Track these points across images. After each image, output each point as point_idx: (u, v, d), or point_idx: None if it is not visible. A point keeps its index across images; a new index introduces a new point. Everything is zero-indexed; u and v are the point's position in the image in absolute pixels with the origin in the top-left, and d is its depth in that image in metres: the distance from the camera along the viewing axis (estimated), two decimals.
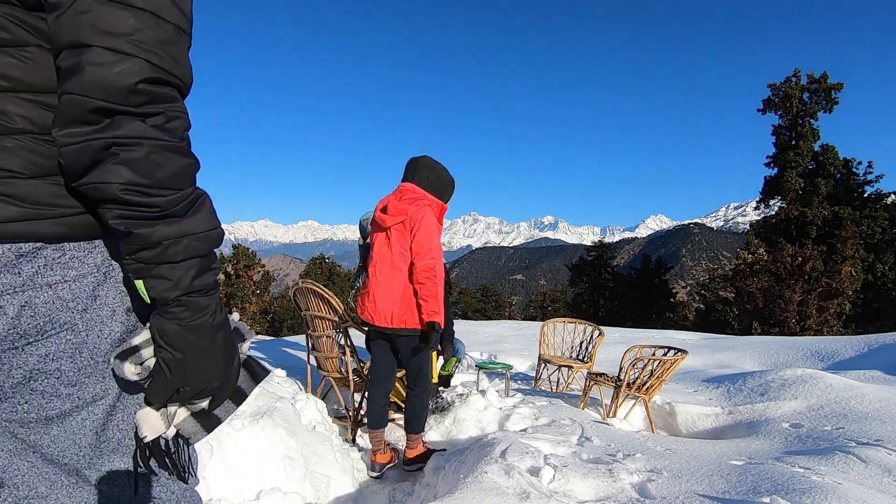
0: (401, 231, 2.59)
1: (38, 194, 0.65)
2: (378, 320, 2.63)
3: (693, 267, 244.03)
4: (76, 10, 0.58)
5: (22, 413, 0.71)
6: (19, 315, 0.66)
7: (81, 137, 0.59)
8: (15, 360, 0.68)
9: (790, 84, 27.51)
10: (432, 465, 2.80)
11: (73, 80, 0.58)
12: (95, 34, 0.58)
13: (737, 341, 8.75)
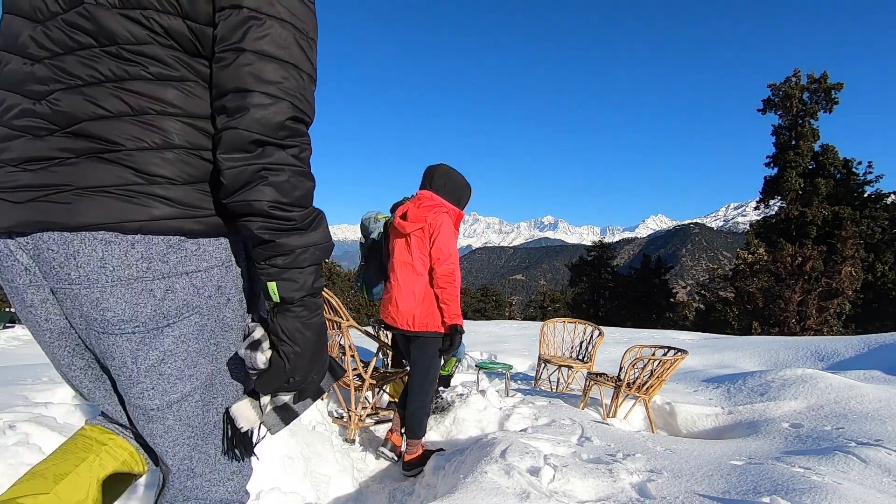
0: (420, 237, 2.69)
1: (188, 198, 0.79)
2: (401, 323, 2.73)
3: (693, 267, 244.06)
4: (240, 63, 0.75)
5: (147, 399, 0.83)
6: (164, 298, 0.79)
7: (241, 162, 0.76)
8: (154, 341, 0.80)
9: (790, 84, 27.52)
10: (432, 465, 2.80)
11: (239, 118, 0.75)
12: (256, 82, 0.75)
13: (737, 341, 8.76)
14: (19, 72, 0.80)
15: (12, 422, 1.95)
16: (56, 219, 0.75)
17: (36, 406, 2.20)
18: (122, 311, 0.78)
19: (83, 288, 0.77)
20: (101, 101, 0.76)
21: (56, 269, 0.77)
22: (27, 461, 1.75)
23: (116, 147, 0.76)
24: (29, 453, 1.78)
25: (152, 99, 0.78)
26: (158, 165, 0.77)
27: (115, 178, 0.76)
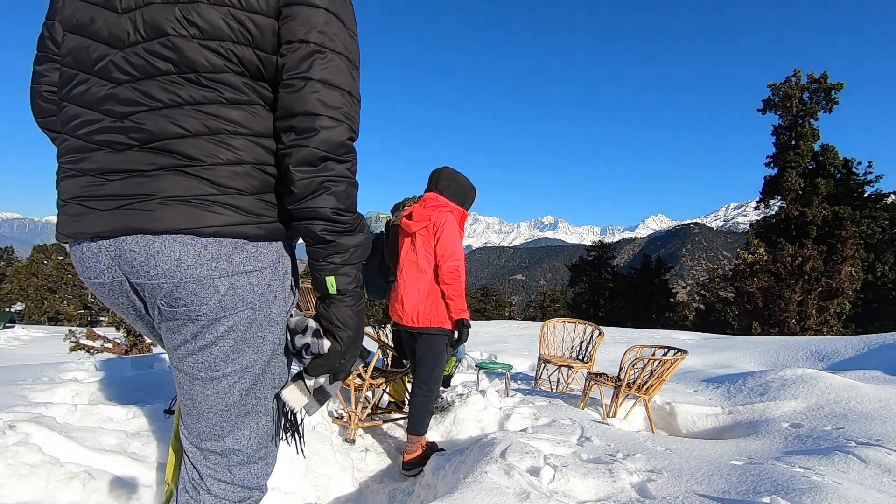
0: (425, 236, 2.77)
1: (252, 206, 0.92)
2: (406, 320, 2.80)
3: (693, 267, 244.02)
4: (307, 90, 0.88)
5: (196, 369, 0.96)
6: (226, 293, 0.91)
7: (310, 174, 0.89)
8: (211, 327, 0.93)
9: (790, 84, 27.51)
10: (432, 465, 2.80)
11: (309, 137, 0.88)
12: (322, 107, 0.88)
13: (737, 341, 8.76)
14: (99, 92, 0.90)
15: (12, 422, 1.95)
16: (139, 224, 0.87)
17: (36, 406, 2.20)
18: (192, 303, 0.90)
19: (160, 283, 0.89)
20: (182, 122, 0.88)
21: (137, 267, 0.89)
22: (27, 461, 1.75)
23: (196, 162, 0.88)
24: (29, 453, 1.78)
25: (226, 120, 0.90)
26: (230, 178, 0.90)
27: (194, 189, 0.88)
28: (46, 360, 13.21)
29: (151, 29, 0.87)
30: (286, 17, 0.89)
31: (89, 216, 0.90)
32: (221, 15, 0.87)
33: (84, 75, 0.92)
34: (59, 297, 41.18)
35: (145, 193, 0.86)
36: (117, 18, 0.89)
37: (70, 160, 0.93)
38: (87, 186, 0.90)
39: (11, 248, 54.43)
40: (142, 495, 1.86)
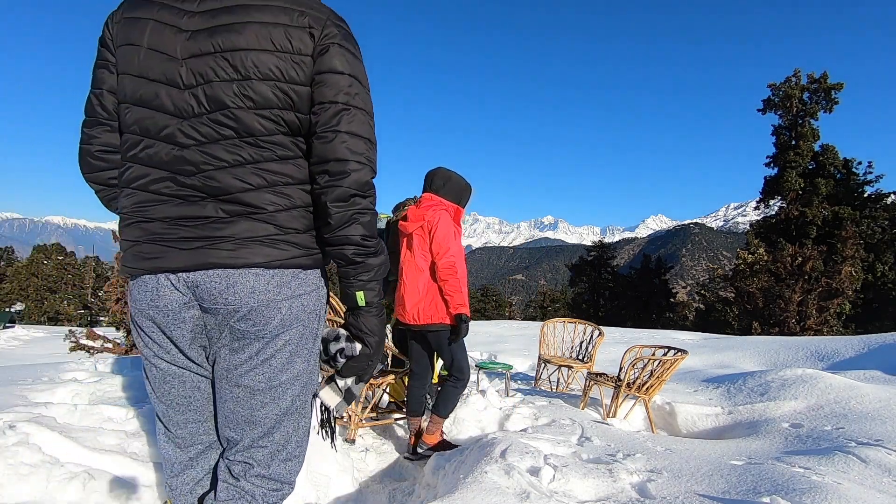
0: (421, 235, 2.85)
1: (305, 242, 1.12)
2: (408, 318, 2.88)
3: (693, 267, 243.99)
4: (338, 141, 1.07)
5: (257, 381, 1.12)
6: (286, 313, 1.10)
7: (343, 209, 1.08)
8: (272, 342, 1.11)
9: (790, 84, 27.50)
10: (432, 465, 2.80)
11: (342, 179, 1.08)
12: (351, 154, 1.08)
13: (737, 341, 8.76)
14: (167, 154, 1.07)
15: (12, 422, 1.95)
16: (221, 260, 1.05)
17: (36, 406, 2.20)
18: (259, 323, 1.09)
19: (237, 308, 1.08)
20: (246, 179, 1.07)
21: (216, 295, 1.07)
22: (27, 461, 1.75)
23: (262, 210, 1.07)
24: (29, 453, 1.78)
25: (280, 174, 1.09)
26: (289, 221, 1.10)
27: (263, 231, 1.07)
28: (46, 360, 13.20)
29: (214, 102, 1.05)
30: (318, 84, 1.09)
31: (169, 254, 1.07)
32: (270, 88, 1.06)
33: (150, 140, 1.09)
34: (59, 297, 41.16)
35: (223, 236, 1.06)
36: (181, 93, 1.06)
37: (139, 210, 1.10)
38: (162, 231, 1.08)
39: (11, 248, 54.43)
40: (142, 495, 1.86)
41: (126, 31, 1.10)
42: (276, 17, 1.06)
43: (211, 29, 1.05)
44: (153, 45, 1.07)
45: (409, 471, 3.03)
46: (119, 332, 13.55)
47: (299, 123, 1.10)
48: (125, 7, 1.13)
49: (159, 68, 1.07)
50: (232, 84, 1.05)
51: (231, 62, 1.05)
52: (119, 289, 13.03)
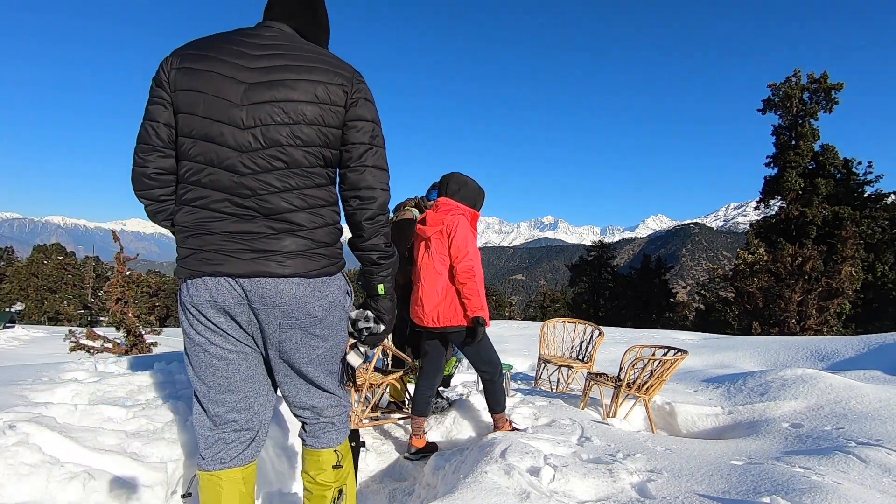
0: (439, 238, 2.90)
1: (333, 253, 1.44)
2: (427, 321, 2.91)
3: (693, 267, 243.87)
4: (367, 173, 1.42)
5: (301, 357, 1.46)
6: (319, 309, 1.43)
7: (372, 225, 1.45)
8: (312, 329, 1.44)
9: (790, 84, 27.48)
10: (432, 465, 2.80)
11: (371, 202, 1.43)
12: (376, 182, 1.43)
13: (737, 341, 8.76)
14: (228, 180, 1.33)
15: (12, 422, 1.95)
16: (272, 270, 1.34)
17: (36, 406, 2.20)
18: (300, 318, 1.41)
19: (281, 308, 1.38)
20: (292, 202, 1.36)
21: (266, 298, 1.36)
22: (27, 461, 1.75)
23: (303, 228, 1.37)
24: (29, 453, 1.78)
25: (317, 198, 1.40)
26: (322, 237, 1.41)
27: (303, 246, 1.37)
28: (46, 360, 13.19)
29: (270, 141, 1.33)
30: (349, 127, 1.40)
31: (229, 262, 1.34)
32: (315, 131, 1.35)
33: (213, 168, 1.34)
34: (59, 297, 41.13)
35: (273, 250, 1.35)
36: (242, 132, 1.32)
37: (200, 224, 1.36)
38: (222, 242, 1.34)
39: (11, 248, 54.36)
40: (142, 495, 1.86)
41: (189, 79, 1.33)
42: (318, 76, 1.36)
43: (268, 83, 1.33)
44: (217, 93, 1.32)
45: (409, 471, 3.03)
46: (119, 332, 13.54)
47: (332, 157, 1.42)
48: (182, 58, 1.36)
49: (223, 112, 1.33)
50: (286, 127, 1.33)
51: (285, 110, 1.33)
52: (119, 289, 13.01)
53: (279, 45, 1.38)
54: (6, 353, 14.95)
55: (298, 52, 1.38)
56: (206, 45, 1.38)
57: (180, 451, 2.17)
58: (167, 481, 2.00)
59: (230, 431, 1.51)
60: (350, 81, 1.39)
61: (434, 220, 2.91)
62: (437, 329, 2.91)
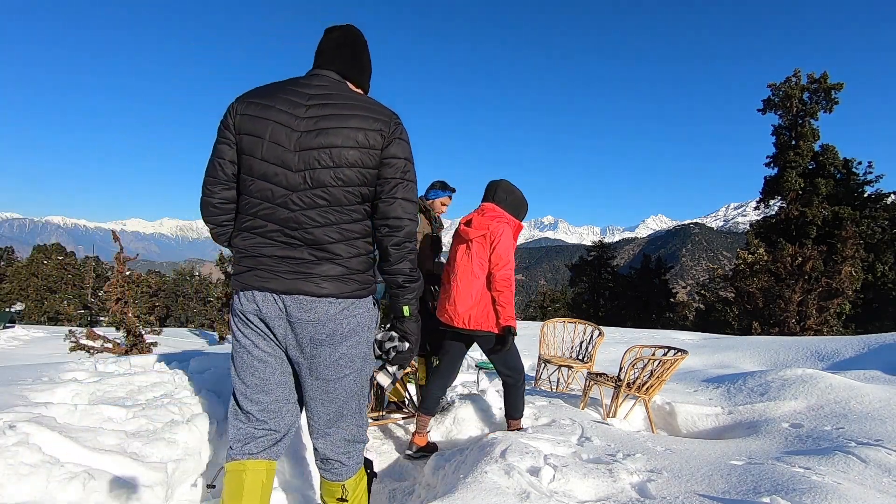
0: (481, 243, 2.91)
1: (364, 279, 1.61)
2: (457, 322, 2.92)
3: (693, 267, 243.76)
4: (397, 204, 1.56)
5: (329, 374, 1.61)
6: (347, 328, 1.59)
7: (399, 251, 1.58)
8: (338, 347, 1.59)
9: (790, 84, 27.47)
10: (432, 465, 2.80)
11: (399, 231, 1.58)
12: (404, 213, 1.57)
13: (737, 341, 8.75)
14: (281, 215, 1.54)
15: (12, 422, 1.95)
16: (309, 290, 1.54)
17: (36, 406, 2.20)
18: (330, 334, 1.57)
19: (314, 324, 1.55)
20: (331, 234, 1.55)
21: (301, 313, 1.54)
22: (27, 461, 1.75)
23: (339, 257, 1.56)
24: (29, 453, 1.78)
25: (353, 231, 1.57)
26: (357, 265, 1.59)
27: (338, 271, 1.56)
28: (46, 360, 13.18)
29: (316, 182, 1.52)
30: (384, 165, 1.57)
31: (275, 280, 1.55)
32: (355, 172, 1.53)
33: (268, 204, 1.55)
34: (59, 297, 41.12)
35: (312, 273, 1.55)
36: (293, 174, 1.52)
37: (254, 248, 1.58)
38: (272, 265, 1.56)
39: (11, 248, 54.33)
40: (142, 495, 1.86)
41: (251, 125, 1.54)
42: (359, 123, 1.54)
43: (316, 131, 1.52)
44: (274, 140, 1.53)
45: (409, 471, 3.03)
46: (119, 332, 13.53)
47: (369, 194, 1.59)
48: (246, 105, 1.57)
49: (278, 156, 1.53)
50: (330, 170, 1.52)
51: (330, 155, 1.52)
52: (119, 289, 13.00)
53: (326, 95, 1.58)
54: (6, 353, 14.95)
55: (342, 100, 1.58)
56: (266, 93, 1.60)
57: (180, 451, 2.17)
58: (167, 481, 2.00)
59: (259, 429, 1.68)
60: (387, 125, 1.57)
61: (479, 225, 2.92)
62: (465, 331, 2.91)
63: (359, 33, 1.74)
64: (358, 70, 1.72)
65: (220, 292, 22.33)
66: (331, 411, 1.66)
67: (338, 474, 1.73)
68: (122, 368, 3.34)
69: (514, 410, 3.07)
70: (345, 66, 1.68)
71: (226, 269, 25.72)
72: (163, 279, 44.59)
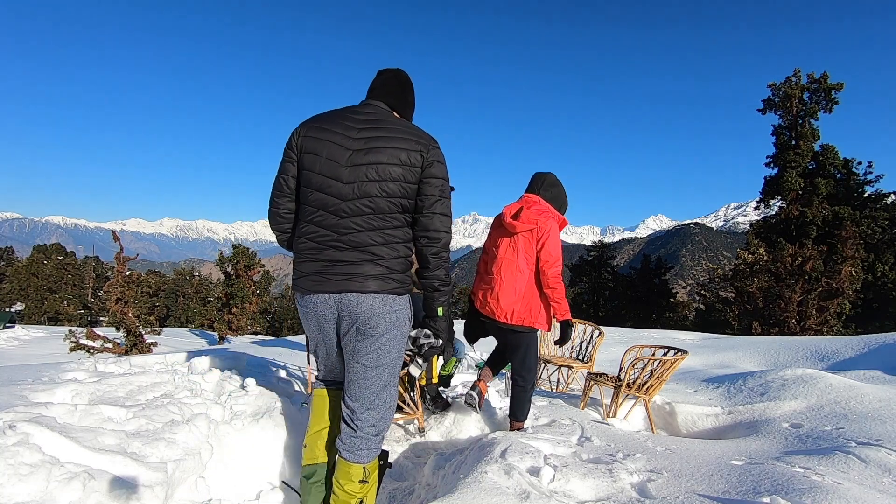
0: (528, 238, 2.87)
1: (402, 279, 1.87)
2: (499, 316, 2.92)
3: (693, 267, 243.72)
4: (435, 218, 1.86)
5: (368, 362, 1.86)
6: (387, 321, 1.84)
7: (436, 259, 1.90)
8: (382, 337, 1.85)
9: (790, 84, 27.45)
10: (432, 465, 2.80)
11: (437, 241, 1.89)
12: (441, 226, 1.88)
13: (737, 341, 8.75)
14: (333, 222, 1.81)
15: (12, 422, 1.95)
16: (355, 289, 1.79)
17: (36, 406, 2.20)
18: (373, 326, 1.83)
19: (361, 316, 1.82)
20: (374, 238, 1.80)
21: (351, 308, 1.82)
22: (27, 461, 1.75)
23: (381, 259, 1.81)
24: (29, 453, 1.78)
25: (393, 236, 1.83)
26: (395, 266, 1.83)
27: (380, 272, 1.81)
28: (46, 360, 13.17)
29: (363, 193, 1.79)
30: (424, 183, 1.84)
31: (328, 283, 1.82)
32: (398, 186, 1.80)
33: (322, 212, 1.83)
34: (59, 297, 41.10)
35: (357, 273, 1.80)
36: (344, 186, 1.80)
37: (312, 253, 1.86)
38: (324, 269, 1.83)
39: (11, 248, 54.35)
40: (142, 495, 1.86)
41: (311, 145, 1.85)
42: (402, 145, 1.82)
43: (366, 150, 1.81)
44: (330, 157, 1.83)
45: (409, 471, 3.03)
46: (119, 332, 13.52)
47: (409, 205, 1.86)
48: (308, 129, 1.88)
49: (333, 171, 1.82)
50: (376, 183, 1.80)
51: (377, 170, 1.79)
52: (119, 289, 13.00)
53: (376, 121, 1.87)
54: (6, 353, 14.95)
55: (389, 126, 1.87)
56: (325, 119, 1.91)
57: (180, 451, 2.17)
58: (167, 481, 2.00)
59: (326, 377, 2.15)
60: (427, 148, 1.85)
61: (527, 219, 2.85)
62: (506, 325, 2.89)
63: (406, 75, 2.07)
64: (402, 103, 2.03)
65: (220, 292, 22.33)
66: (365, 397, 1.90)
67: (361, 457, 1.91)
68: (122, 368, 3.34)
69: (518, 412, 3.08)
70: (393, 99, 1.99)
71: (225, 270, 25.72)
72: (163, 279, 44.55)
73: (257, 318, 28.16)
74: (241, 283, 26.09)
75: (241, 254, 26.73)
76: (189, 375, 3.20)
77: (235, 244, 27.53)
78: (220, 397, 2.86)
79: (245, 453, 2.48)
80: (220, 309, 26.52)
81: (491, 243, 3.05)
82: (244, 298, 25.83)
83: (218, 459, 2.38)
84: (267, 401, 2.87)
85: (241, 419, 2.61)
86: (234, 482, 2.38)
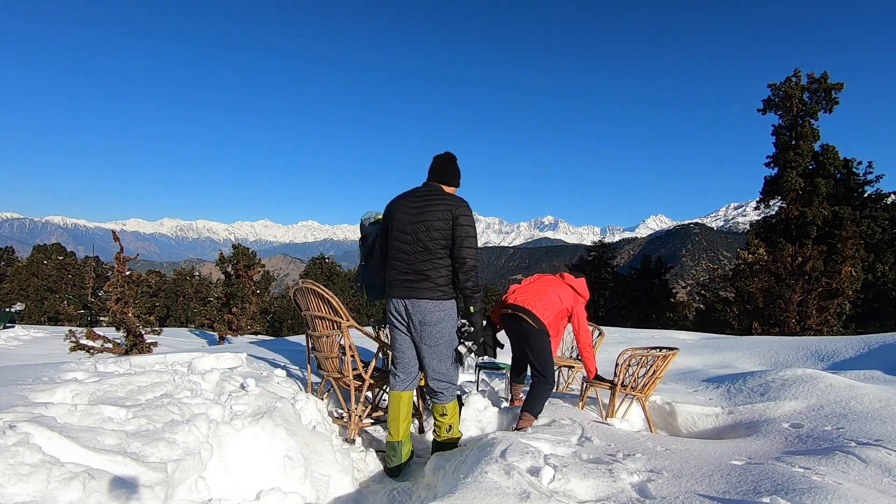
0: (561, 313, 3.83)
1: (446, 290, 2.97)
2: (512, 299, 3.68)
3: (693, 267, 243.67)
4: (464, 251, 2.91)
5: (430, 343, 2.95)
6: (438, 317, 2.94)
7: (465, 276, 2.93)
8: (437, 327, 2.93)
9: (790, 84, 27.43)
10: (432, 465, 2.80)
11: (467, 266, 2.92)
12: (469, 257, 2.93)
13: (737, 341, 8.74)
14: (405, 256, 2.95)
15: (12, 422, 1.95)
16: (416, 296, 2.91)
17: (36, 406, 2.20)
18: (430, 321, 2.91)
19: (420, 314, 2.91)
20: (426, 264, 2.92)
21: (414, 310, 2.92)
22: (27, 461, 1.75)
23: (431, 278, 2.91)
24: (29, 453, 1.78)
25: (439, 264, 2.92)
26: (440, 282, 2.92)
27: (430, 285, 2.91)
28: (46, 360, 13.16)
29: (418, 241, 2.91)
30: (455, 226, 2.88)
31: (401, 292, 2.94)
32: (440, 233, 2.88)
33: (398, 253, 2.97)
34: (59, 297, 41.10)
35: (417, 287, 2.90)
36: (408, 236, 2.93)
37: (392, 275, 3.00)
38: (400, 283, 2.95)
39: (11, 248, 54.33)
40: (142, 495, 1.86)
41: (392, 213, 3.01)
42: (440, 208, 2.89)
43: (421, 213, 2.91)
44: (400, 220, 2.97)
45: (408, 471, 3.03)
46: (119, 332, 13.51)
47: (448, 244, 2.89)
48: (393, 204, 3.04)
49: (402, 228, 2.95)
50: (427, 232, 2.88)
51: (426, 226, 2.88)
52: (119, 289, 12.99)
53: (429, 195, 2.96)
54: (6, 353, 14.95)
55: (434, 197, 2.94)
56: (401, 197, 3.04)
57: (180, 451, 2.17)
58: (167, 481, 2.00)
59: (401, 376, 3.05)
60: (456, 207, 2.89)
61: (567, 296, 3.92)
62: (520, 308, 3.54)
63: (448, 157, 3.13)
64: (448, 178, 3.09)
65: (220, 292, 22.32)
66: (434, 364, 2.95)
67: (440, 400, 3.01)
68: (122, 368, 3.34)
69: (533, 405, 3.32)
70: (442, 177, 3.08)
71: (225, 270, 25.70)
72: (163, 279, 44.51)
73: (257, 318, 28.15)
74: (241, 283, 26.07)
75: (241, 254, 26.70)
76: (189, 375, 3.20)
77: (235, 244, 27.50)
78: (220, 397, 2.86)
79: (245, 453, 2.48)
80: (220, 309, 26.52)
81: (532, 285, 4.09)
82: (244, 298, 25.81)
83: (218, 459, 2.38)
84: (267, 401, 2.87)
85: (241, 419, 2.61)
86: (234, 482, 2.38)
